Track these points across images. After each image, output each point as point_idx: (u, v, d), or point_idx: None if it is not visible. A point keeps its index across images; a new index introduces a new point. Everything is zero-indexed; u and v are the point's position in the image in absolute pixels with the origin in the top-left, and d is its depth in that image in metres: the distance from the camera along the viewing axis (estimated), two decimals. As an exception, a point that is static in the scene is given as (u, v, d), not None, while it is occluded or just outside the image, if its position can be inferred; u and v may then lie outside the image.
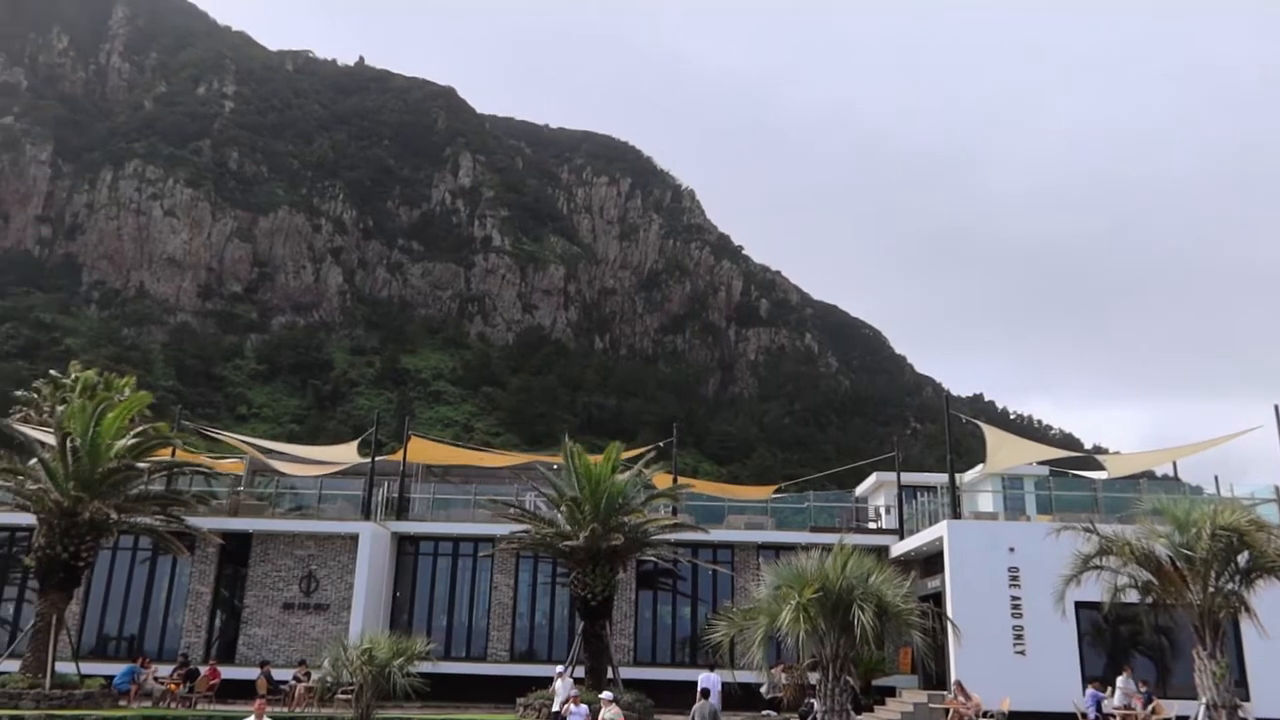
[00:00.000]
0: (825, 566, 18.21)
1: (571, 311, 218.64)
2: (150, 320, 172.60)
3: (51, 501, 24.40)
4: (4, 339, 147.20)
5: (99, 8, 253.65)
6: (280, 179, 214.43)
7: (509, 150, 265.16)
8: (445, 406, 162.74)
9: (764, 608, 18.76)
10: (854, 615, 17.05)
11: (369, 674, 21.37)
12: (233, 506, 32.35)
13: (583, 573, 25.32)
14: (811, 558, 18.59)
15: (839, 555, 18.36)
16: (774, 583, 18.97)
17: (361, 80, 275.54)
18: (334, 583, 30.59)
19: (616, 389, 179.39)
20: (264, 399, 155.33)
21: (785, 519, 34.93)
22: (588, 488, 25.30)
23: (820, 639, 17.87)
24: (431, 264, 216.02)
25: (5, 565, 31.89)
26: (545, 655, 30.93)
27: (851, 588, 17.67)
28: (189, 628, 30.92)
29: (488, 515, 31.22)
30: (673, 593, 32.28)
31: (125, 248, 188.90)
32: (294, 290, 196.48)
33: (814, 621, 17.56)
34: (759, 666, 19.68)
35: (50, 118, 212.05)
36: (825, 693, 17.91)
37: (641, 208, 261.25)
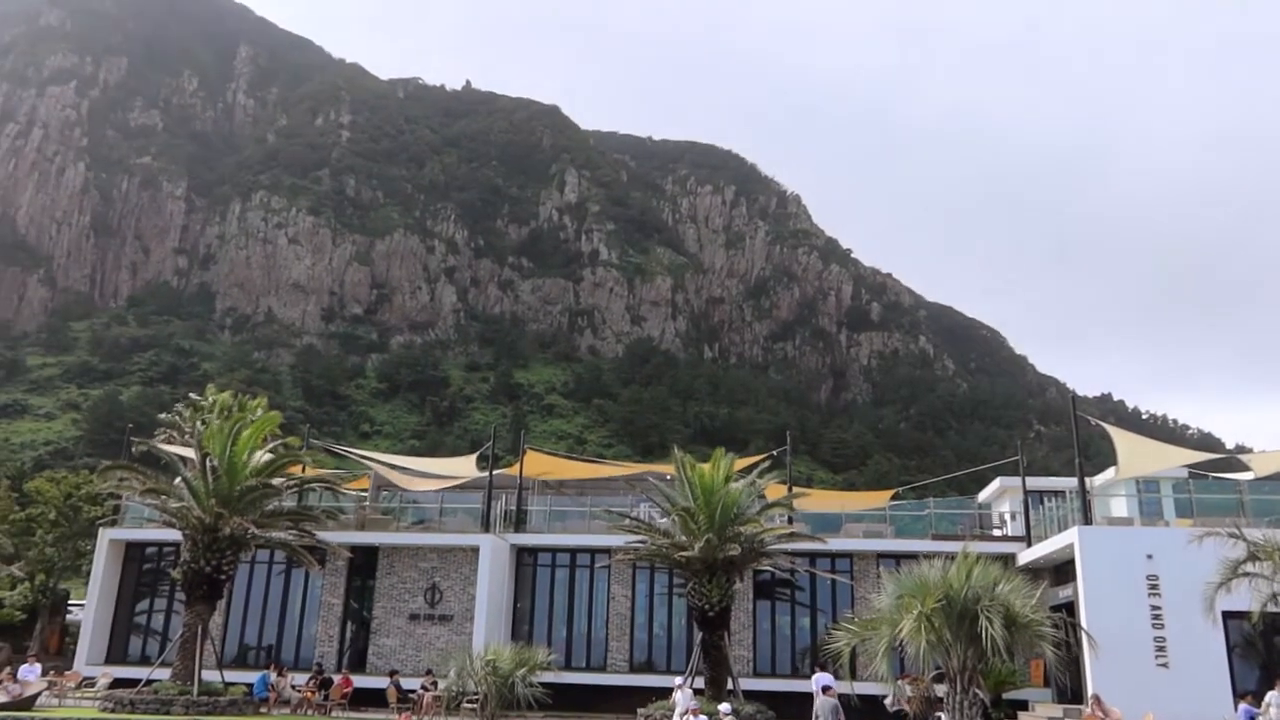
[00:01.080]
0: (949, 575, 17.71)
1: (680, 322, 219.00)
2: (278, 343, 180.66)
3: (195, 518, 25.74)
4: (148, 365, 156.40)
5: (224, 49, 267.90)
6: (395, 203, 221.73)
7: (613, 164, 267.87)
8: (558, 419, 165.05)
9: (886, 618, 18.36)
10: (981, 626, 16.52)
11: (493, 684, 21.80)
12: (359, 521, 33.46)
13: (699, 583, 25.24)
14: (934, 566, 18.11)
15: (963, 563, 17.83)
16: (895, 592, 18.55)
17: (469, 103, 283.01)
18: (457, 594, 31.32)
19: (727, 398, 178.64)
20: (385, 416, 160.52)
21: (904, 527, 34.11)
22: (701, 498, 25.25)
23: (946, 650, 17.37)
24: (541, 280, 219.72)
25: (155, 578, 33.81)
26: (664, 666, 30.94)
27: (977, 597, 17.13)
28: (322, 638, 32.12)
29: (603, 526, 31.46)
30: (791, 603, 31.89)
31: (254, 275, 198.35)
32: (411, 310, 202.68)
33: (938, 632, 17.09)
34: (882, 678, 19.23)
35: (184, 155, 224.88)
36: (953, 706, 17.39)
37: (747, 215, 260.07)
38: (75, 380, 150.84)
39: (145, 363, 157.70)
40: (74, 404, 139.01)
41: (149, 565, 34.13)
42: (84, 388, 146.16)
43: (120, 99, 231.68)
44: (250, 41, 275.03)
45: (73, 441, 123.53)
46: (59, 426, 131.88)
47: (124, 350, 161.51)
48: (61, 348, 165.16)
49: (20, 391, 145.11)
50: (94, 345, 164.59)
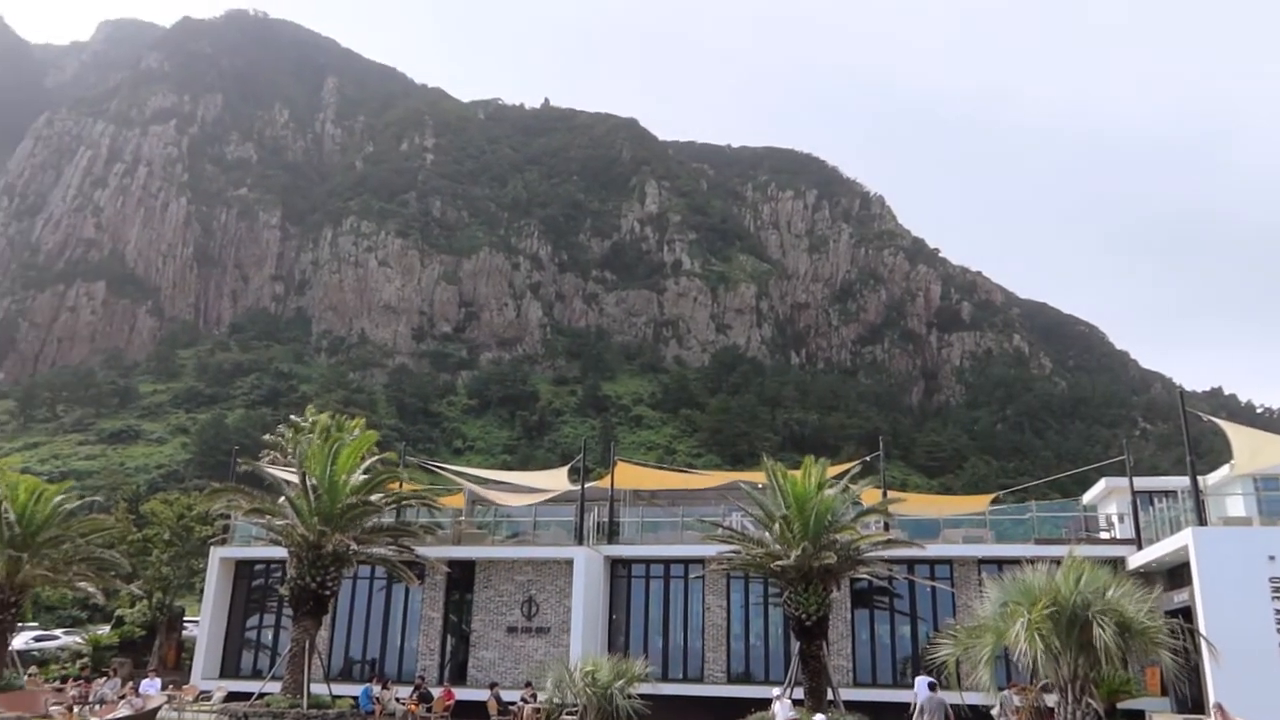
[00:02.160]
0: (1056, 580, 17.14)
1: (765, 329, 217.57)
2: (372, 364, 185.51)
3: (299, 536, 26.51)
4: (250, 389, 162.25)
5: (312, 81, 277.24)
6: (479, 222, 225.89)
7: (693, 174, 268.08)
8: (646, 430, 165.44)
9: (990, 625, 17.84)
10: (1093, 633, 15.93)
11: (592, 696, 21.87)
12: (456, 536, 34.03)
13: (795, 592, 24.93)
14: (1039, 571, 17.55)
15: (1070, 568, 17.24)
16: (999, 599, 18.02)
17: (548, 120, 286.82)
18: (553, 606, 31.58)
19: (816, 404, 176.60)
20: (477, 432, 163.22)
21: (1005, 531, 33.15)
22: (794, 506, 24.95)
23: (1055, 658, 16.80)
24: (625, 292, 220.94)
25: (264, 595, 34.96)
26: (762, 676, 30.65)
27: (1087, 603, 16.53)
28: (423, 651, 32.74)
29: (696, 537, 31.36)
30: (890, 611, 31.27)
31: (347, 298, 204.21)
32: (498, 327, 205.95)
33: (1047, 640, 16.54)
34: (988, 688, 18.69)
35: (277, 185, 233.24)
36: (1065, 716, 16.81)
37: (830, 218, 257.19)
38: (183, 405, 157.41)
39: (248, 386, 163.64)
40: (183, 428, 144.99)
41: (257, 582, 35.29)
42: (191, 412, 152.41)
43: (217, 134, 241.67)
44: (337, 72, 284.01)
45: (183, 464, 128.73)
46: (170, 450, 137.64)
47: (227, 375, 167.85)
48: (170, 375, 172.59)
49: (133, 418, 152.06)
50: (200, 371, 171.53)
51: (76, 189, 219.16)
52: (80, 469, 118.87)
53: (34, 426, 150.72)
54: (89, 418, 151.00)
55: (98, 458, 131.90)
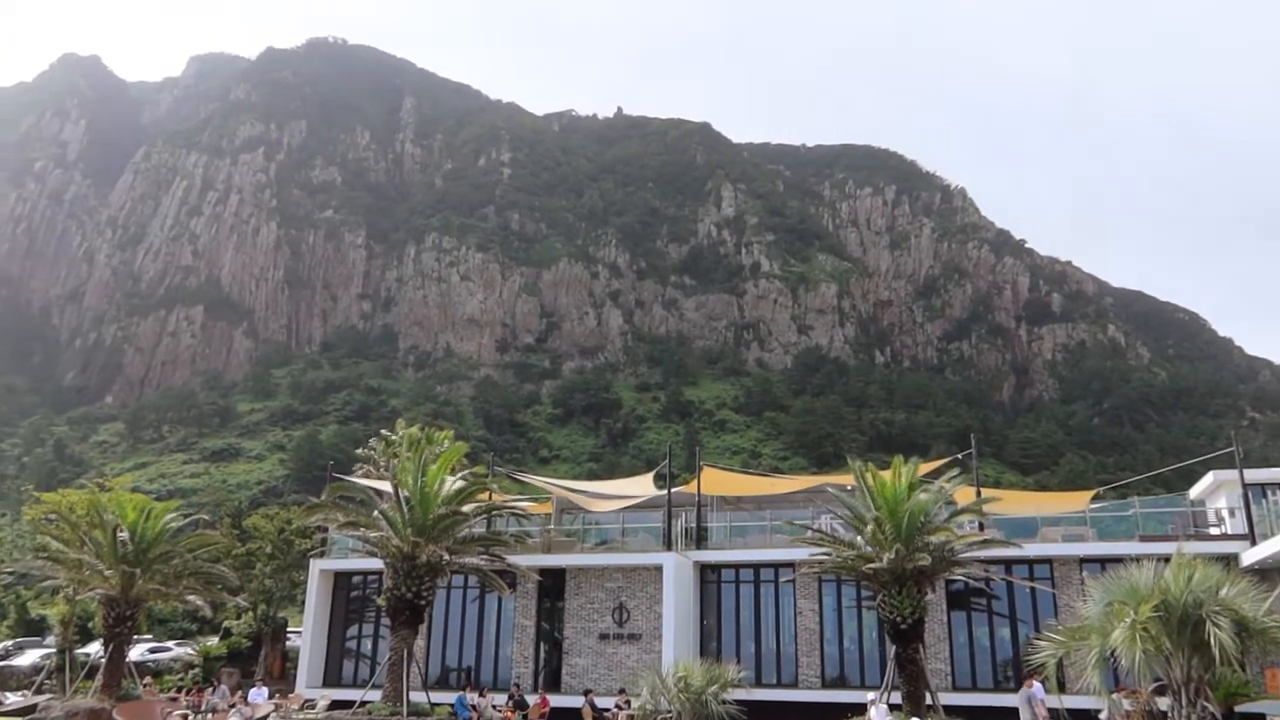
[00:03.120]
0: (1163, 579, 16.49)
1: (848, 328, 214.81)
2: (458, 377, 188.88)
3: (393, 547, 27.11)
4: (342, 405, 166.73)
5: (391, 102, 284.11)
6: (558, 233, 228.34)
7: (768, 175, 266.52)
8: (731, 435, 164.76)
9: (1095, 626, 17.26)
10: (1207, 633, 15.27)
11: (686, 702, 21.84)
12: (545, 544, 34.35)
13: (889, 595, 24.49)
14: (1145, 570, 16.91)
15: (1180, 566, 16.56)
16: (1103, 599, 17.42)
17: (621, 129, 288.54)
18: (644, 612, 31.62)
19: (903, 403, 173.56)
20: (562, 441, 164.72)
21: (1107, 529, 31.99)
22: (885, 507, 24.53)
23: (1166, 660, 16.16)
24: (704, 296, 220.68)
25: (362, 605, 35.81)
26: (857, 681, 30.16)
27: (1199, 602, 15.85)
28: (517, 658, 33.10)
29: (785, 540, 31.08)
30: (988, 613, 30.46)
31: (431, 313, 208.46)
32: (579, 336, 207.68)
33: (1156, 641, 15.92)
34: (1095, 691, 18.06)
35: (361, 206, 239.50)
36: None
37: (910, 214, 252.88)
38: (279, 423, 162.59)
39: (339, 403, 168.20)
40: (280, 445, 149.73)
41: (355, 593, 36.16)
42: (287, 429, 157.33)
43: (302, 159, 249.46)
44: (414, 93, 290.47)
45: (281, 480, 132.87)
46: (268, 466, 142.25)
47: (320, 392, 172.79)
48: (266, 394, 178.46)
49: (233, 436, 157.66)
50: (294, 389, 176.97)
51: (174, 218, 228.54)
52: (185, 487, 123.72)
53: (142, 447, 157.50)
54: (192, 437, 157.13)
55: (201, 475, 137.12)
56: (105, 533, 29.79)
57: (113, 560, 29.40)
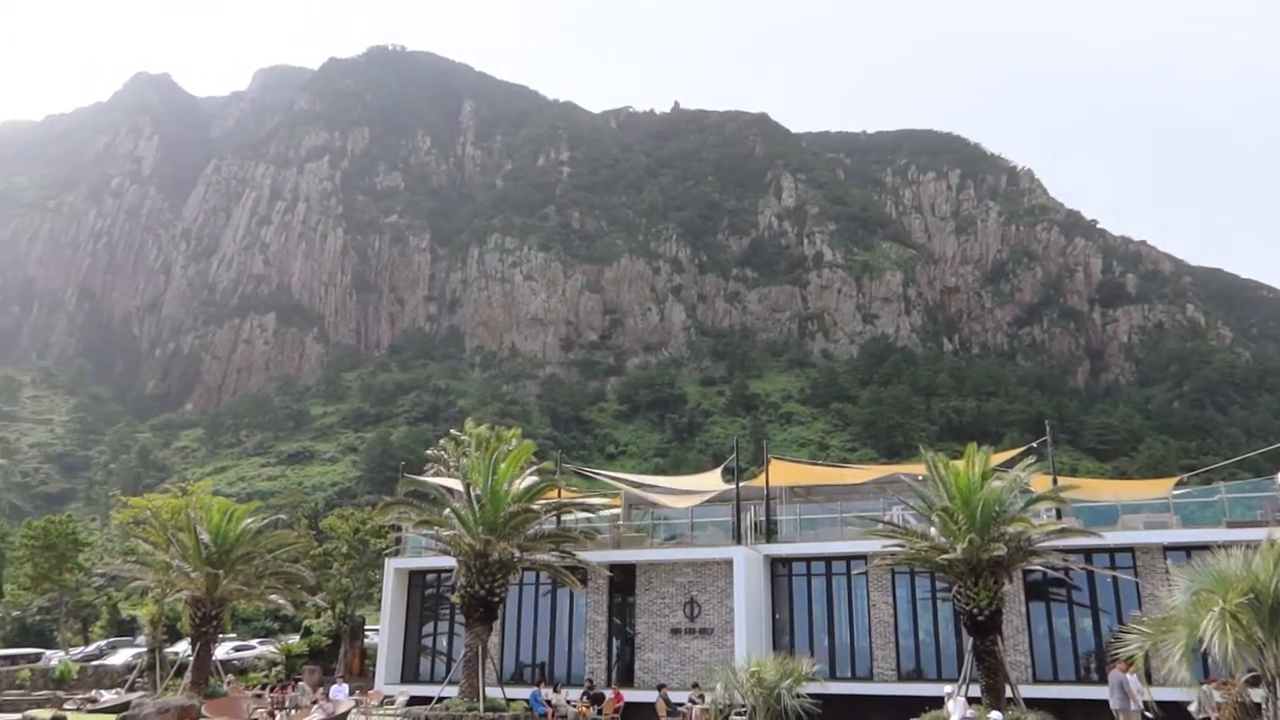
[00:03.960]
0: (1253, 566, 15.91)
1: (914, 316, 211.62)
2: (524, 375, 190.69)
3: (466, 545, 27.47)
4: (411, 406, 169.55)
5: (451, 106, 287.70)
6: (618, 230, 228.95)
7: (828, 164, 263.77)
8: (798, 427, 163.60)
9: (1181, 616, 16.73)
10: (1302, 621, 14.71)
11: (760, 696, 21.77)
12: (615, 540, 34.48)
13: (964, 586, 24.07)
14: (1233, 557, 16.34)
15: (1270, 552, 15.97)
16: (1190, 587, 16.87)
17: (678, 124, 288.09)
18: (715, 607, 31.57)
19: (973, 391, 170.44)
20: (628, 437, 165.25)
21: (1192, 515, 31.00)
22: (958, 497, 24.10)
23: (1259, 650, 15.60)
24: (767, 288, 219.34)
25: (437, 603, 36.38)
26: (934, 674, 29.71)
27: (1293, 589, 15.28)
28: (590, 654, 33.32)
29: (856, 532, 30.73)
30: (1068, 603, 29.75)
31: (496, 314, 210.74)
32: (643, 331, 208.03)
33: (1247, 630, 15.38)
34: (1183, 683, 17.53)
35: (424, 210, 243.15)
36: (1274, 712, 15.58)
37: (975, 197, 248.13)
38: (351, 425, 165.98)
39: (409, 404, 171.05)
40: (352, 447, 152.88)
41: (430, 591, 36.74)
42: (359, 431, 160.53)
43: (366, 166, 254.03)
44: (473, 96, 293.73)
45: (355, 481, 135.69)
46: (342, 468, 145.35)
47: (389, 395, 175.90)
48: (337, 397, 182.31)
49: (307, 439, 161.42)
50: (364, 392, 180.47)
51: (244, 228, 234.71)
52: (264, 489, 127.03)
53: (221, 452, 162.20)
54: (268, 441, 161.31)
55: (278, 478, 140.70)
56: (190, 535, 30.73)
57: (198, 562, 30.31)
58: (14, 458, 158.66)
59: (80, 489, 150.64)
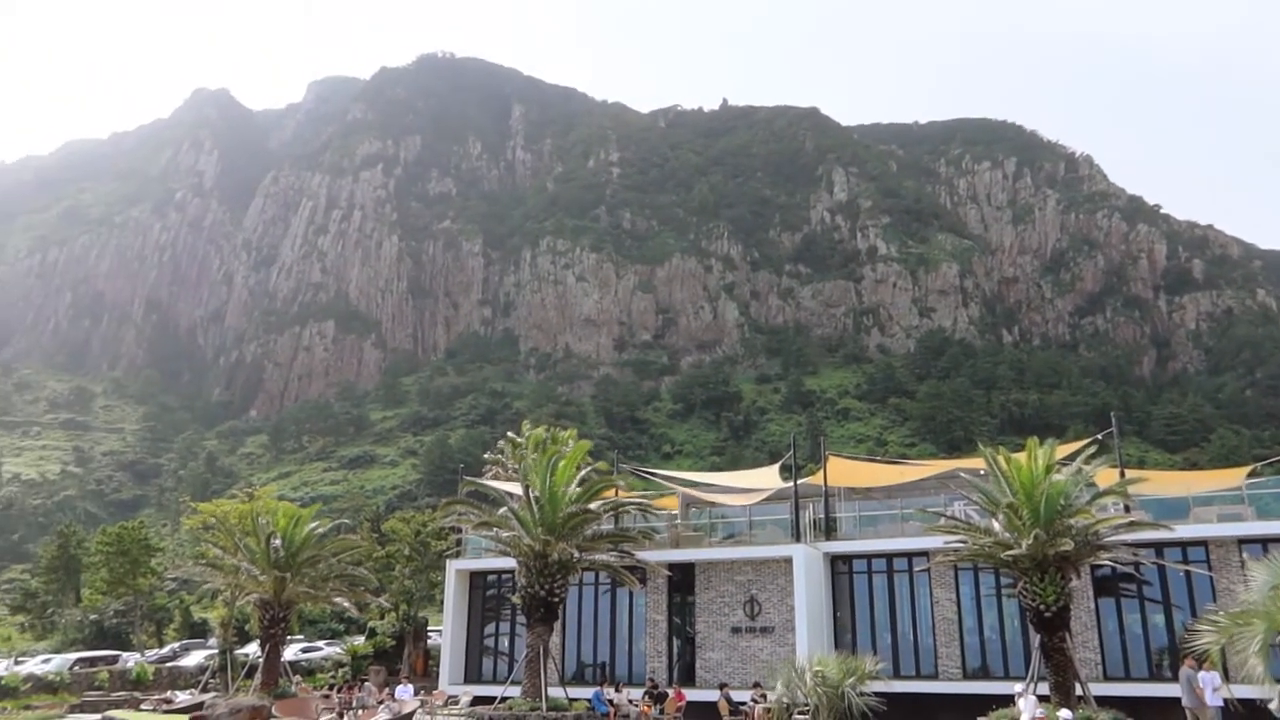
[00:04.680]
0: (1334, 559, 15.41)
1: (972, 308, 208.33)
2: (578, 376, 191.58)
3: (525, 546, 27.68)
4: (468, 409, 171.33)
5: (500, 111, 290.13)
6: (669, 229, 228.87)
7: (880, 156, 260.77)
8: (855, 423, 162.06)
9: (1259, 611, 16.25)
10: (1388, 615, 14.20)
11: (823, 694, 21.61)
12: (673, 539, 34.48)
13: (1030, 582, 23.63)
14: (1314, 549, 15.83)
15: (1352, 544, 15.44)
16: (1268, 581, 16.39)
17: (728, 120, 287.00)
18: (775, 605, 31.40)
19: (1035, 383, 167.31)
20: (684, 436, 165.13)
21: (1268, 507, 30.01)
22: (1022, 492, 23.67)
23: (1343, 645, 15.09)
24: (821, 284, 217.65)
25: (498, 603, 36.72)
26: (1001, 671, 29.19)
27: (1377, 582, 14.76)
28: (651, 653, 33.35)
29: (917, 529, 30.34)
30: (1139, 599, 29.03)
31: (549, 316, 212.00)
32: (696, 330, 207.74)
33: (1330, 625, 14.89)
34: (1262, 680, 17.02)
35: (477, 214, 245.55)
36: (1359, 708, 15.05)
37: (1033, 185, 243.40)
38: (410, 429, 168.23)
39: (465, 407, 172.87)
40: (412, 450, 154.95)
41: (491, 591, 37.10)
42: (418, 435, 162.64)
43: (419, 173, 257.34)
44: (522, 100, 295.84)
45: (415, 484, 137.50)
46: (402, 471, 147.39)
47: (447, 398, 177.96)
48: (396, 401, 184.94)
49: (368, 444, 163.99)
50: (422, 396, 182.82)
51: (302, 237, 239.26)
52: (326, 493, 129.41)
53: (284, 457, 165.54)
54: (330, 446, 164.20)
55: (340, 482, 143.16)
56: (258, 539, 31.40)
57: (265, 565, 30.96)
58: (88, 466, 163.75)
59: (152, 495, 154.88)
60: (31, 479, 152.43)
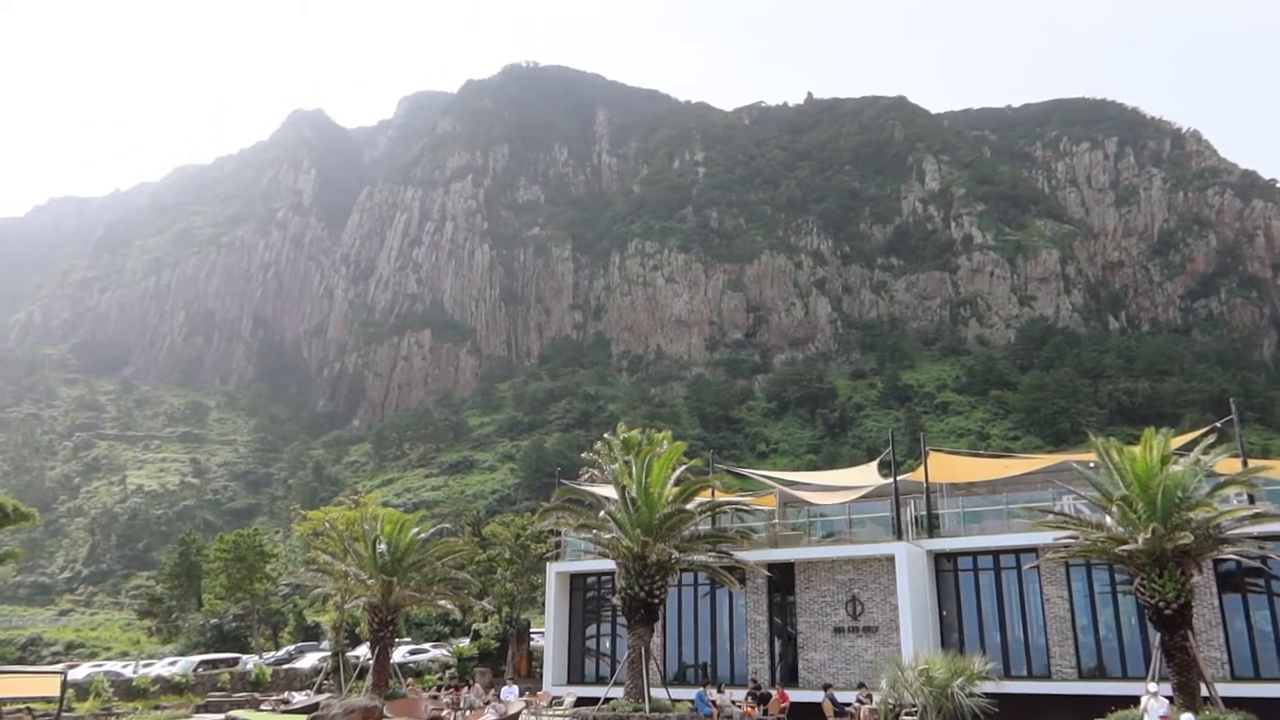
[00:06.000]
0: None
1: (1075, 295, 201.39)
2: (670, 378, 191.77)
3: (624, 548, 27.83)
4: (563, 413, 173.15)
5: (585, 117, 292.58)
6: (757, 226, 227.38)
7: (973, 142, 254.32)
8: (955, 417, 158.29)
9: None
10: None
11: (930, 695, 21.14)
12: (771, 539, 34.21)
13: (1147, 578, 22.69)
14: None
15: None
16: None
17: (812, 114, 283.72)
18: (878, 604, 30.86)
19: (1145, 370, 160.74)
20: (779, 434, 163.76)
21: None
22: (1136, 484, 22.75)
23: None
24: (915, 276, 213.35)
25: (598, 605, 37.00)
26: (1118, 672, 28.10)
27: None
28: (752, 654, 33.14)
29: (1025, 525, 29.42)
30: (1267, 594, 27.51)
31: (640, 318, 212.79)
32: (788, 327, 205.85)
33: None
34: None
35: (565, 220, 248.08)
36: None
37: (1136, 165, 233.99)
38: (507, 434, 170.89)
39: (560, 411, 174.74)
40: (509, 455, 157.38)
41: (591, 593, 37.40)
42: (515, 440, 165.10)
43: (507, 181, 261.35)
44: (606, 104, 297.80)
45: (513, 488, 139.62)
46: (500, 476, 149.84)
47: (541, 403, 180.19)
48: (492, 407, 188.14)
49: (466, 449, 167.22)
50: (517, 401, 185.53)
51: (398, 250, 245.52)
52: (428, 499, 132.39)
53: (387, 464, 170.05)
54: (430, 453, 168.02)
55: (441, 488, 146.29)
56: (365, 545, 32.34)
57: (373, 570, 31.84)
58: (205, 477, 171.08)
59: (264, 504, 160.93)
60: (153, 490, 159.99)
